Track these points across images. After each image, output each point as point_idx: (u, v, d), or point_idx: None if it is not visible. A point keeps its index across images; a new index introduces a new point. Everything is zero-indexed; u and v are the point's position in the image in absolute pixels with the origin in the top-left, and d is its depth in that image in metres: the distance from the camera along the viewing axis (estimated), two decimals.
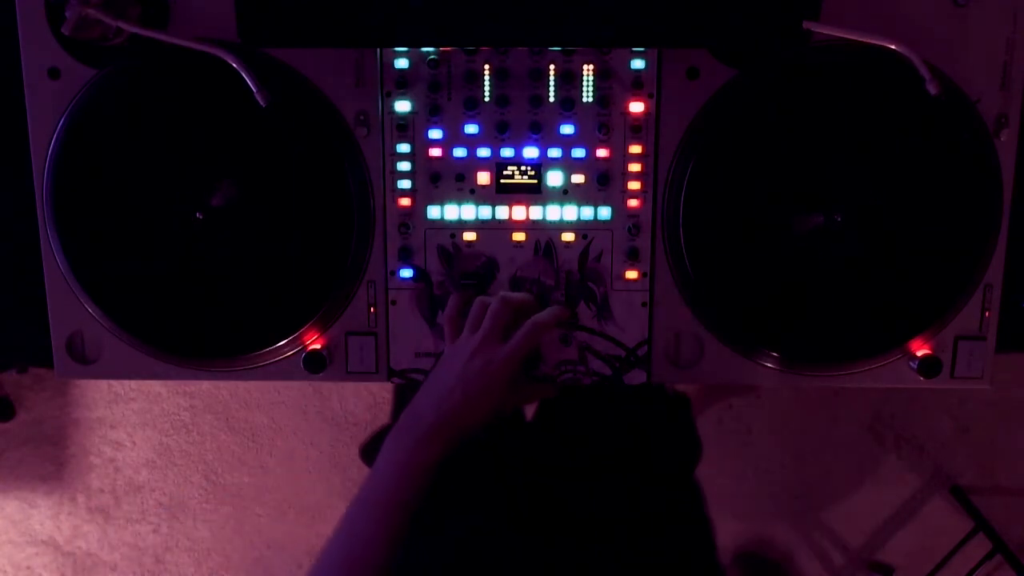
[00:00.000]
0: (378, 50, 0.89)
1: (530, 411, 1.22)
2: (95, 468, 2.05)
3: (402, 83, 0.90)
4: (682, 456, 1.19)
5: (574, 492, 1.04)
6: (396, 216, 0.92)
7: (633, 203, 0.91)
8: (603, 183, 0.91)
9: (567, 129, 0.90)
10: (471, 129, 0.91)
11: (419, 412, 0.84)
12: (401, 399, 1.27)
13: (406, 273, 0.93)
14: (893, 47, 0.80)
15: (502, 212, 0.92)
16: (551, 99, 0.90)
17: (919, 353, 0.92)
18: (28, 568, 2.09)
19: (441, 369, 0.88)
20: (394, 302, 0.94)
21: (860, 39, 0.81)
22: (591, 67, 0.89)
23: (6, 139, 0.94)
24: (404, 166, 0.91)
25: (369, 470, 0.85)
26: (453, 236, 0.93)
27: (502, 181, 0.91)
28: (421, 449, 0.82)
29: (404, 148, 0.91)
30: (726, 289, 0.90)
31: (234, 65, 0.82)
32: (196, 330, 0.92)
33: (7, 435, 2.01)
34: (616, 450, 1.12)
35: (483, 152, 0.91)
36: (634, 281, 0.93)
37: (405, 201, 0.92)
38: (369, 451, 1.26)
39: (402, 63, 0.90)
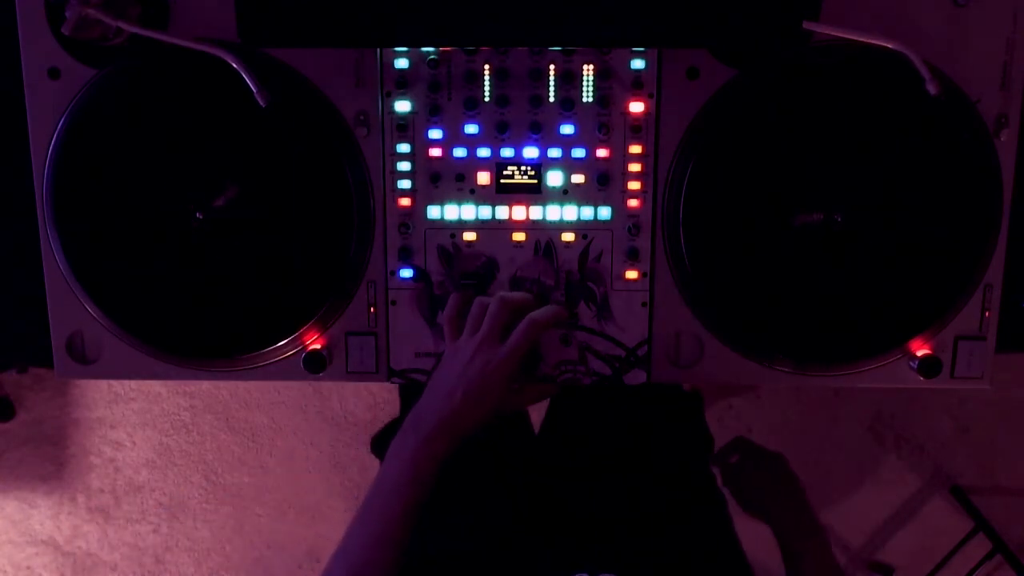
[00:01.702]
0: (378, 50, 0.89)
1: (533, 412, 1.21)
2: (95, 468, 2.05)
3: (402, 83, 0.90)
4: (689, 454, 1.19)
5: (574, 492, 1.04)
6: (396, 216, 0.92)
7: (633, 203, 0.91)
8: (603, 183, 0.91)
9: (567, 129, 0.90)
10: (471, 129, 0.91)
11: (422, 413, 0.85)
12: (406, 395, 1.27)
13: (406, 273, 0.93)
14: (893, 47, 0.80)
15: (502, 212, 0.92)
16: (551, 99, 0.90)
17: (919, 353, 0.92)
18: (28, 568, 2.09)
19: (442, 371, 0.88)
20: (394, 302, 0.94)
21: (860, 39, 0.81)
22: (591, 67, 0.89)
23: (6, 139, 0.94)
24: (404, 166, 0.91)
25: (377, 471, 0.85)
26: (453, 236, 0.93)
27: (502, 181, 0.91)
28: (424, 449, 0.83)
29: (404, 148, 0.91)
30: (726, 289, 0.90)
31: (234, 65, 0.82)
32: (196, 330, 0.92)
33: (7, 435, 2.01)
34: (617, 450, 1.12)
35: (483, 152, 0.91)
36: (634, 281, 0.93)
37: (405, 201, 0.92)
38: (378, 444, 1.26)
39: (402, 63, 0.90)
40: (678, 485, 1.10)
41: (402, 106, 0.90)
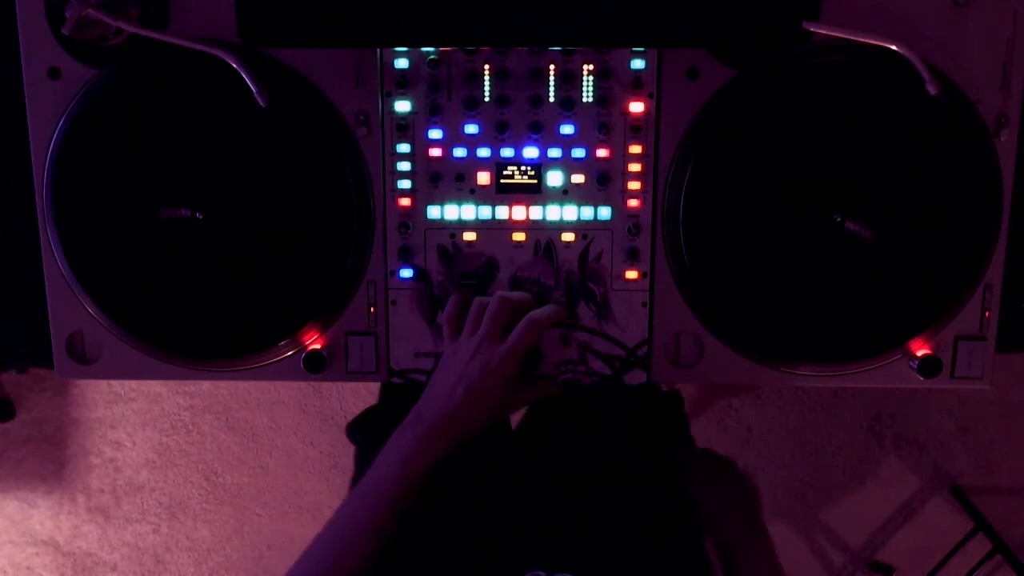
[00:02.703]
0: (378, 50, 0.89)
1: (515, 422, 1.20)
2: (95, 468, 2.05)
3: (402, 83, 0.90)
4: (667, 456, 1.17)
5: (549, 493, 1.02)
6: (396, 216, 0.92)
7: (633, 203, 0.91)
8: (603, 183, 0.91)
9: (567, 129, 0.90)
10: (471, 129, 0.91)
11: (422, 413, 0.85)
12: (388, 386, 1.25)
13: (406, 273, 0.93)
14: (893, 47, 0.80)
15: (502, 212, 0.92)
16: (551, 99, 0.90)
17: (919, 353, 0.92)
18: (28, 568, 2.09)
19: (442, 370, 0.88)
20: (394, 302, 0.94)
21: (860, 39, 0.81)
22: (591, 67, 0.89)
23: (6, 139, 0.94)
24: (404, 166, 0.91)
25: (361, 460, 0.85)
26: (453, 236, 0.93)
27: (502, 181, 0.91)
28: (421, 449, 0.82)
29: (404, 148, 0.91)
30: (726, 289, 0.90)
31: (234, 65, 0.82)
32: (196, 330, 0.92)
33: (7, 435, 2.01)
34: (594, 453, 1.11)
35: (483, 152, 0.91)
36: (634, 281, 0.93)
37: (405, 201, 0.92)
38: (354, 430, 1.25)
39: (402, 63, 0.90)
40: (652, 485, 1.08)
41: (402, 106, 0.90)
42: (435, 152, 0.91)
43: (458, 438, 0.84)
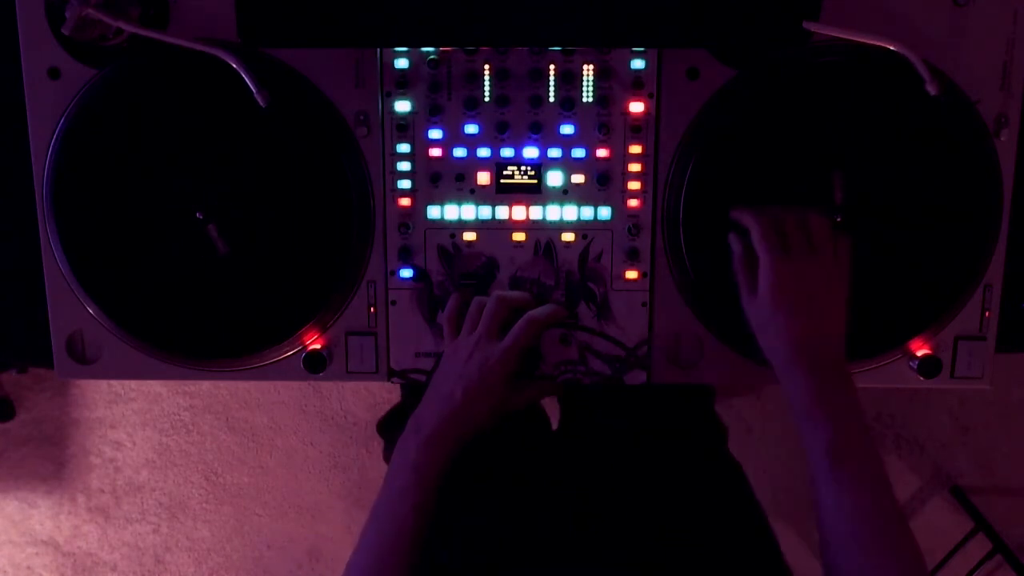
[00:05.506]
0: (378, 50, 0.89)
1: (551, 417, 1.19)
2: (95, 468, 2.05)
3: (402, 83, 0.90)
4: (705, 446, 1.15)
5: (596, 492, 1.01)
6: (396, 216, 0.92)
7: (633, 203, 0.91)
8: (603, 183, 0.91)
9: (567, 129, 0.90)
10: (471, 129, 0.91)
11: (423, 417, 0.85)
12: (407, 386, 1.25)
13: (406, 273, 0.93)
14: (893, 47, 0.80)
15: (502, 212, 0.92)
16: (551, 99, 0.90)
17: (919, 353, 0.92)
18: (28, 568, 2.09)
19: (441, 371, 0.88)
20: (394, 302, 0.94)
21: (860, 39, 0.81)
22: (591, 67, 0.89)
23: (6, 139, 0.94)
24: (404, 166, 0.91)
25: (385, 473, 0.85)
26: (453, 236, 0.93)
27: (502, 181, 0.91)
28: (426, 453, 0.82)
29: (404, 148, 0.91)
30: (726, 289, 0.90)
31: (234, 65, 0.82)
32: (196, 330, 0.92)
33: (7, 435, 2.01)
34: (634, 449, 1.09)
35: (483, 152, 0.91)
36: (634, 281, 0.93)
37: (405, 201, 0.92)
38: (384, 427, 1.25)
39: (402, 63, 0.90)
40: (696, 477, 1.07)
41: (402, 106, 0.90)
42: (435, 152, 0.91)
43: (462, 437, 0.84)
